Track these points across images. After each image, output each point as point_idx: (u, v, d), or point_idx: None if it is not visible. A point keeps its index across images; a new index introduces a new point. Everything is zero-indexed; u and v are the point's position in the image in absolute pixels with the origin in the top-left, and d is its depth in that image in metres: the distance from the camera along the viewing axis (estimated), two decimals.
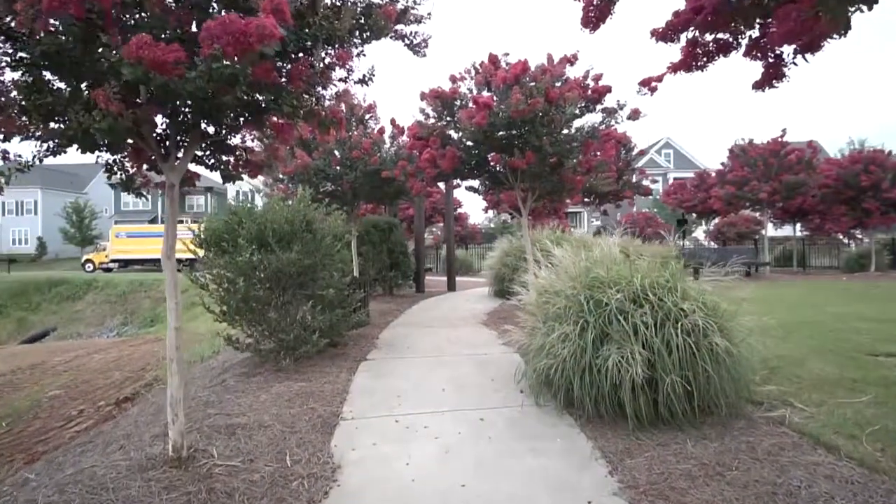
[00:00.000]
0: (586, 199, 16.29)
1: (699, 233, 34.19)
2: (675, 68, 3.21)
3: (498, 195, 11.46)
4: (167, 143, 3.26)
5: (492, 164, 8.06)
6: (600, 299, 3.85)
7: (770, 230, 24.40)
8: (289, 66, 3.09)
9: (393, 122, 9.32)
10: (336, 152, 8.78)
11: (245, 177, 4.66)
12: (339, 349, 6.31)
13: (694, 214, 21.68)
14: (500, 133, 7.23)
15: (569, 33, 6.16)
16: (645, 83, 7.08)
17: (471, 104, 7.15)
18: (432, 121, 7.97)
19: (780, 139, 16.27)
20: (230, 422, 3.96)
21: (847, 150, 19.80)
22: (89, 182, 50.35)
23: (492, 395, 4.50)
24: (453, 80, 7.62)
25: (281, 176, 8.79)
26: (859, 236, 25.61)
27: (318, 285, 5.82)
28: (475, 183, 9.53)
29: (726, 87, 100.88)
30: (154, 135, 3.23)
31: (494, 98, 6.87)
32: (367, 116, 9.42)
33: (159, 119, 3.23)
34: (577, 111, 7.04)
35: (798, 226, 36.89)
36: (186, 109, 3.13)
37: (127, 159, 3.44)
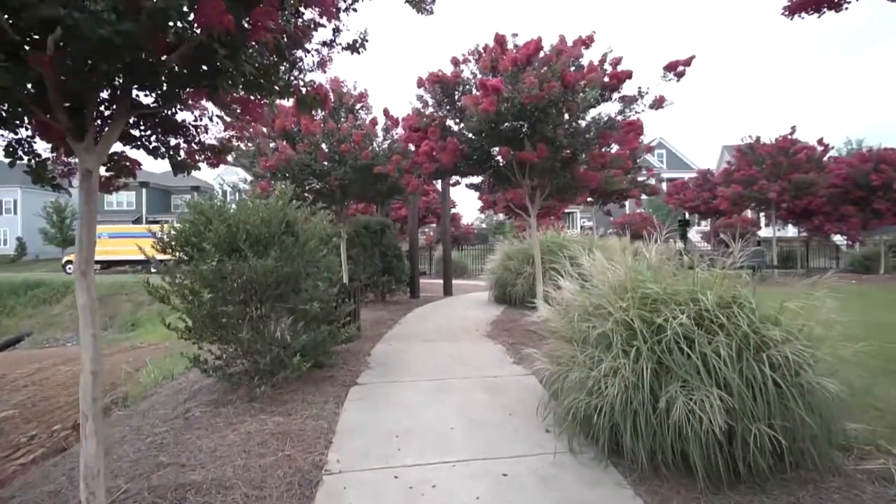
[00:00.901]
0: (590, 199, 15.52)
1: (692, 234, 33.65)
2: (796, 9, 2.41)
3: (495, 194, 10.67)
4: (84, 115, 2.39)
5: (497, 158, 7.25)
6: (654, 321, 3.04)
7: (767, 231, 23.91)
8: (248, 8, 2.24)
9: (386, 112, 8.48)
10: (323, 145, 7.91)
11: (222, 166, 3.82)
12: (326, 370, 5.45)
13: (696, 215, 21.04)
14: (508, 123, 6.41)
15: (580, 16, 5.35)
16: (671, 67, 6.31)
17: (476, 90, 6.33)
18: (431, 110, 7.14)
19: (789, 136, 15.62)
20: (183, 479, 3.10)
21: (845, 150, 19.38)
22: (72, 181, 48.92)
23: (513, 437, 3.67)
24: (455, 62, 6.79)
25: (261, 172, 7.90)
26: (860, 238, 25.26)
27: (301, 297, 4.96)
28: (476, 180, 8.72)
29: (715, 88, 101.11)
30: (67, 104, 2.36)
31: (504, 82, 6.05)
32: (357, 106, 8.57)
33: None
34: (595, 99, 6.23)
35: (792, 226, 36.50)
36: (111, 69, 2.27)
37: (36, 138, 2.56)
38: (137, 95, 2.47)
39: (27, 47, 2.06)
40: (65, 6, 1.73)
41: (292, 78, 3.13)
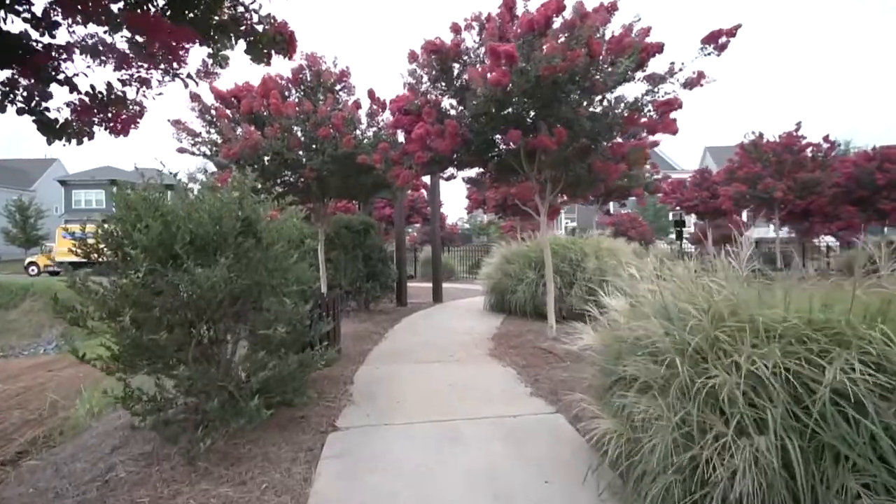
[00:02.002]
0: (591, 197, 14.50)
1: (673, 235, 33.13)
2: None
3: (495, 189, 9.59)
4: None
5: (502, 146, 6.17)
6: (800, 373, 1.97)
7: (758, 231, 23.36)
8: None
9: (371, 94, 7.33)
10: (297, 130, 6.72)
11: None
12: (296, 409, 4.30)
13: (693, 215, 20.33)
14: (517, 103, 5.35)
15: None
16: (712, 38, 5.30)
17: (486, 59, 5.25)
18: (426, 86, 6.03)
19: (794, 132, 14.91)
20: None
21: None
22: (37, 179, 46.70)
23: None
24: (456, 30, 5.69)
25: (224, 161, 6.68)
26: (856, 238, 24.92)
27: (263, 318, 3.81)
28: (472, 173, 7.64)
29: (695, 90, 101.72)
30: None
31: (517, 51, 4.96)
32: (338, 87, 7.41)
33: None
34: (629, 70, 5.19)
35: (773, 227, 36.34)
36: None
37: None
38: None
39: None
40: None
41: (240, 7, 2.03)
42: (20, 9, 1.61)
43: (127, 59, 1.95)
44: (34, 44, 1.73)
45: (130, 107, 2.14)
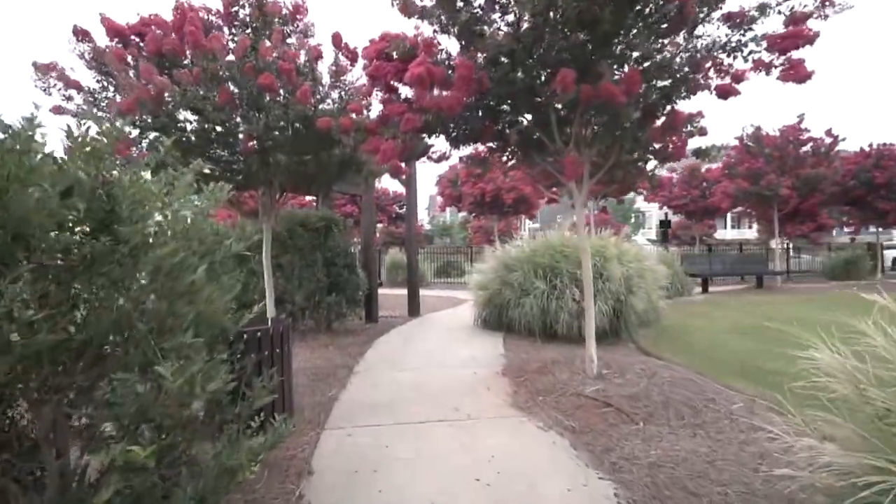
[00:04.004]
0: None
1: (640, 237, 32.30)
2: None
3: (484, 171, 7.68)
4: None
5: (538, 97, 4.27)
6: None
7: (724, 232, 22.74)
8: None
9: (337, 40, 5.29)
10: (228, 81, 4.60)
11: None
12: None
13: (681, 215, 19.17)
14: (570, 20, 3.49)
15: None
16: None
17: None
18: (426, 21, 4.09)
19: (797, 125, 13.79)
20: None
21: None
22: None
23: None
24: None
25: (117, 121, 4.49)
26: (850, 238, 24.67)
27: (121, 405, 1.76)
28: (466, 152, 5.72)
29: None
30: None
31: None
32: (288, 28, 5.33)
33: None
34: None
35: (755, 227, 36.10)
36: None
37: None
38: None
39: None
40: None
41: None
42: None
43: None
44: None
45: None
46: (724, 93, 4.48)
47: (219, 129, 4.75)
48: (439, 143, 5.55)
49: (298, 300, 6.85)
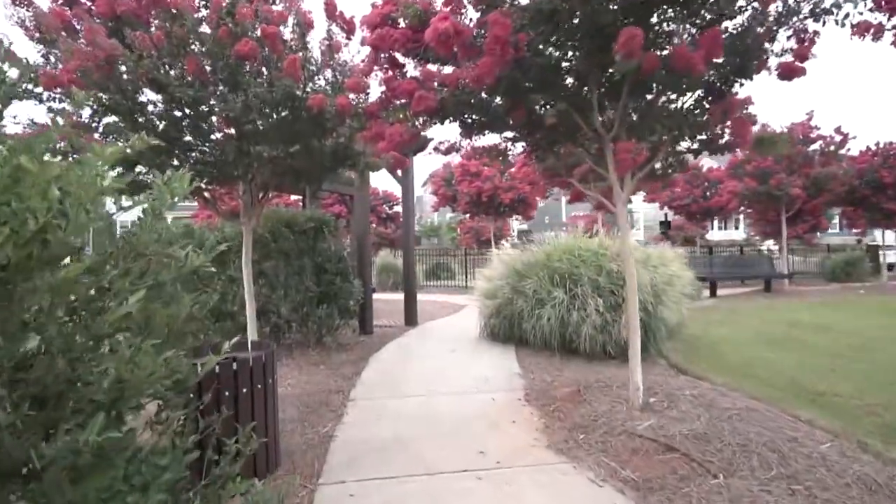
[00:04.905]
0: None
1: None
2: None
3: (504, 165, 6.92)
4: None
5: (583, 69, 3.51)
6: None
7: (712, 233, 22.29)
8: None
9: (331, 7, 4.47)
10: (196, 46, 3.74)
11: None
12: None
13: (681, 216, 18.61)
14: None
15: None
16: None
17: None
18: None
19: (807, 122, 13.26)
20: None
21: None
22: None
23: None
24: None
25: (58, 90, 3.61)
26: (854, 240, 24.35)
27: None
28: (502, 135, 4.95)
29: None
30: None
31: None
32: None
33: None
34: None
35: (742, 228, 35.95)
36: None
37: None
38: None
39: None
40: None
41: None
42: None
43: None
44: None
45: None
46: (789, 72, 3.78)
47: (188, 110, 3.89)
48: (444, 134, 4.78)
49: (284, 312, 5.99)
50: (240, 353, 3.47)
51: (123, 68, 3.42)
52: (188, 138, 4.27)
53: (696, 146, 4.23)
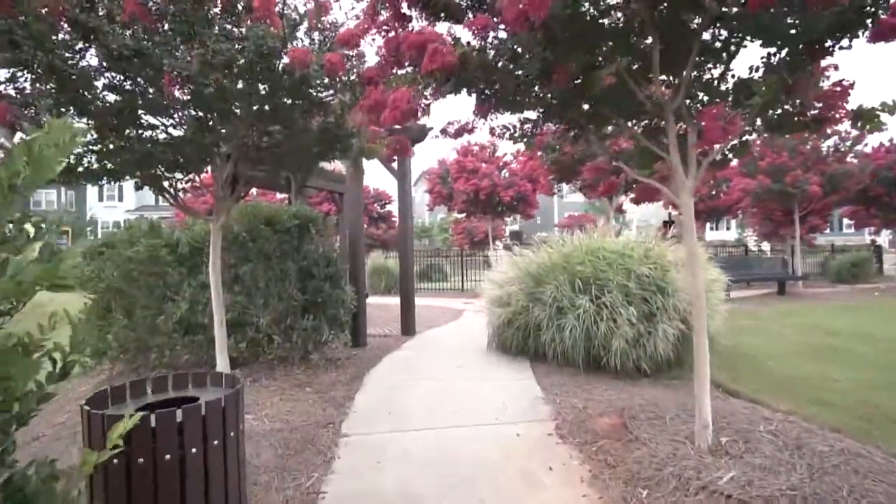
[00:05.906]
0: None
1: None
2: None
3: (546, 154, 6.08)
4: None
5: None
6: None
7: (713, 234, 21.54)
8: None
9: None
10: None
11: None
12: None
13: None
14: None
15: None
16: None
17: None
18: None
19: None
20: None
21: None
22: None
23: None
24: None
25: None
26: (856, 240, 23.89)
27: None
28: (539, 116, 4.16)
29: None
30: None
31: None
32: None
33: None
34: None
35: (734, 228, 35.50)
36: None
37: None
38: None
39: None
40: None
41: None
42: None
43: None
44: None
45: None
46: (891, 30, 3.00)
47: (114, 55, 2.97)
48: (448, 115, 3.92)
49: (264, 324, 5.09)
50: (196, 392, 2.60)
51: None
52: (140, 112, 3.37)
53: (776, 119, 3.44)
